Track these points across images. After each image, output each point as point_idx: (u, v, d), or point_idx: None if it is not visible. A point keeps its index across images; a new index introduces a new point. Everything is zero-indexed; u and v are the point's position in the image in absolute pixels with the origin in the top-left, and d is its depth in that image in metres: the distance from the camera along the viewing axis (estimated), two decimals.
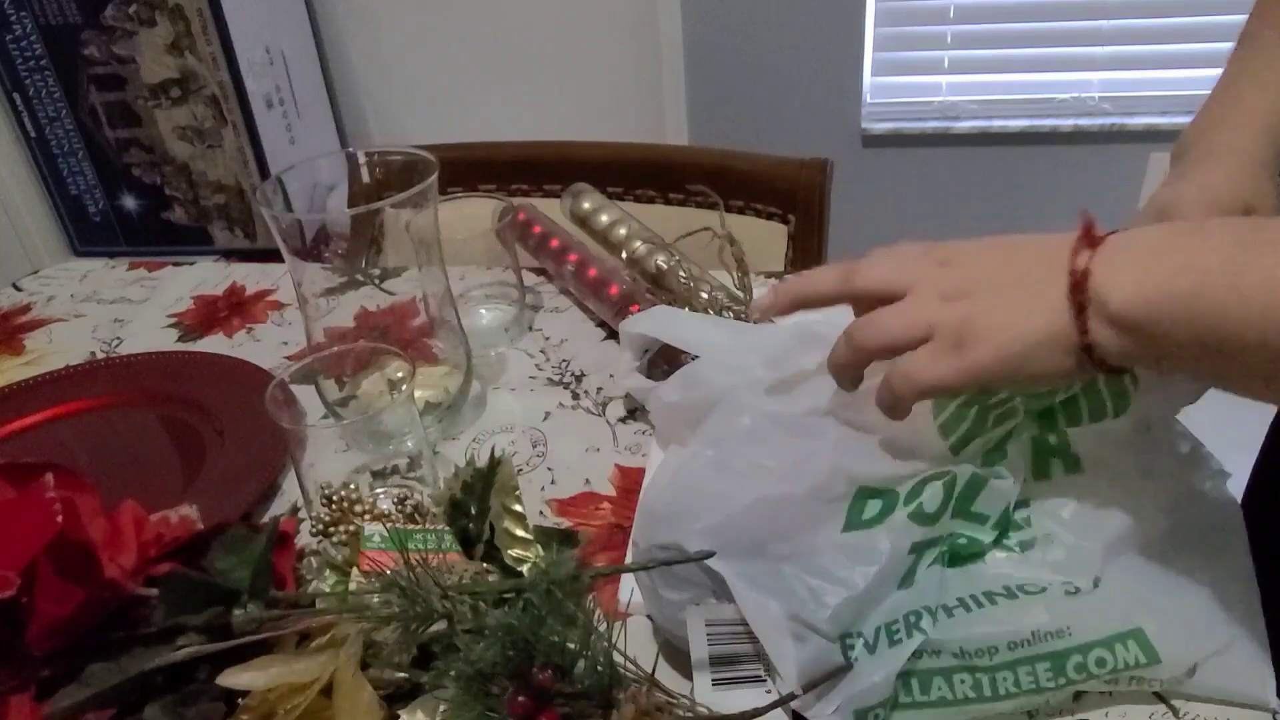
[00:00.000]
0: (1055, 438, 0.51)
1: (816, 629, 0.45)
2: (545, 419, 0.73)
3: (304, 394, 0.61)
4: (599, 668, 0.42)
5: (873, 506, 0.48)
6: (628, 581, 0.54)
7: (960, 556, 0.50)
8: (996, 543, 0.51)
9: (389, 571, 0.45)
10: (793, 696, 0.44)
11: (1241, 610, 0.48)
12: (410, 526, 0.53)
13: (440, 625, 0.45)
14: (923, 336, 0.44)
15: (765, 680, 0.46)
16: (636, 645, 0.45)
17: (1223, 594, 0.48)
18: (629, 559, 0.57)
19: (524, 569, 0.51)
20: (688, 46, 1.98)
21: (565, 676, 0.42)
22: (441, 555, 0.49)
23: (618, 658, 0.43)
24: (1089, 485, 0.51)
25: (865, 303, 0.48)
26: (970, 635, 0.47)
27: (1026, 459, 0.51)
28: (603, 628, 0.43)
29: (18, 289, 0.99)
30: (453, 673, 0.42)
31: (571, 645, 0.42)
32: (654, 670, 0.44)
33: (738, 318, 0.72)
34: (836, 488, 0.48)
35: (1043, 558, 0.50)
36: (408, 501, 0.54)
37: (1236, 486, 0.53)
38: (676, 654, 0.49)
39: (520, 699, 0.41)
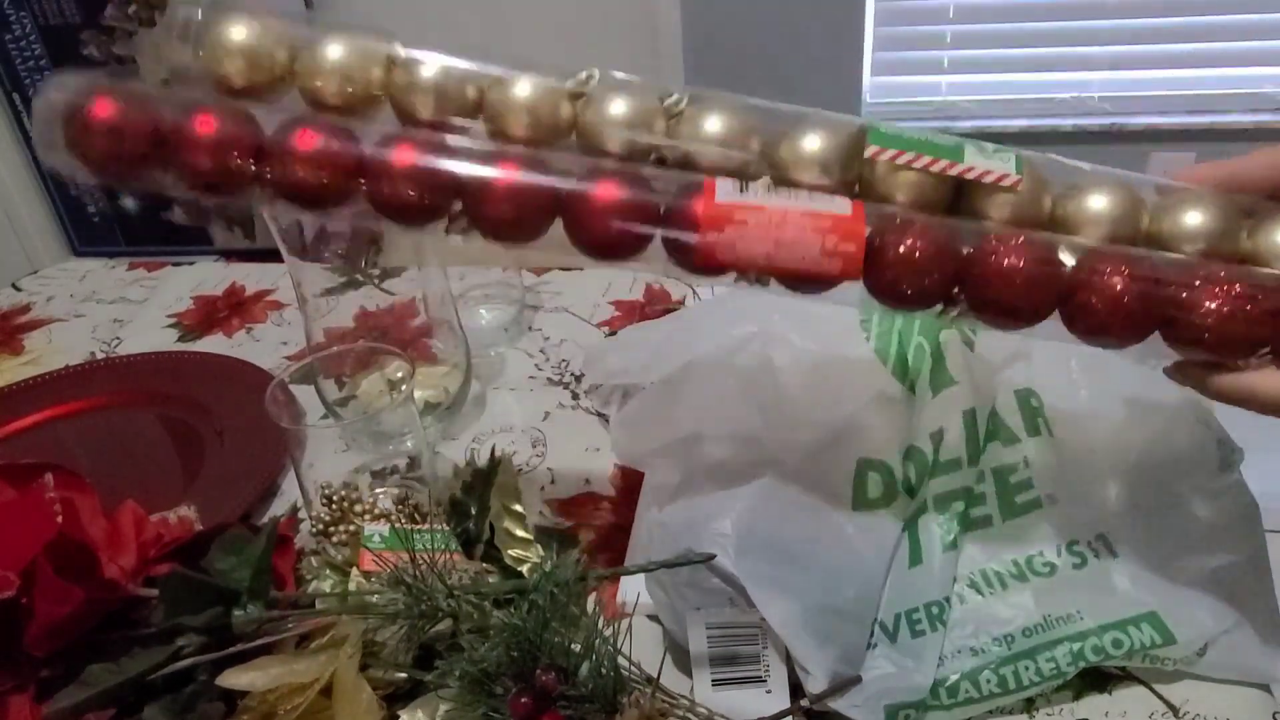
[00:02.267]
0: (1035, 400, 0.53)
1: (846, 613, 0.45)
2: (545, 419, 0.73)
3: (304, 394, 0.61)
4: (603, 671, 0.42)
5: (875, 483, 0.49)
6: (628, 583, 0.54)
7: (970, 520, 0.50)
8: (1004, 505, 0.51)
9: (395, 568, 0.45)
10: (793, 709, 0.44)
11: (1251, 588, 0.48)
12: (410, 526, 0.53)
13: (444, 625, 0.45)
14: None
15: (765, 680, 0.46)
16: (641, 648, 0.45)
17: (1234, 573, 0.49)
18: (627, 560, 0.57)
19: (524, 569, 0.51)
20: (687, 46, 1.98)
21: (569, 679, 0.42)
22: (449, 555, 0.49)
23: (622, 661, 0.43)
24: (1085, 446, 0.52)
25: None
26: (984, 623, 0.48)
27: (1015, 415, 0.52)
28: (607, 631, 0.43)
29: (17, 289, 0.99)
30: (456, 672, 0.42)
31: (575, 648, 0.42)
32: (659, 674, 0.44)
33: None
34: (839, 462, 0.49)
35: (1046, 518, 0.50)
36: (408, 501, 0.54)
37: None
38: (684, 657, 0.49)
39: (523, 700, 0.41)
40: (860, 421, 0.50)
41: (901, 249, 0.38)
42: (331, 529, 0.53)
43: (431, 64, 0.40)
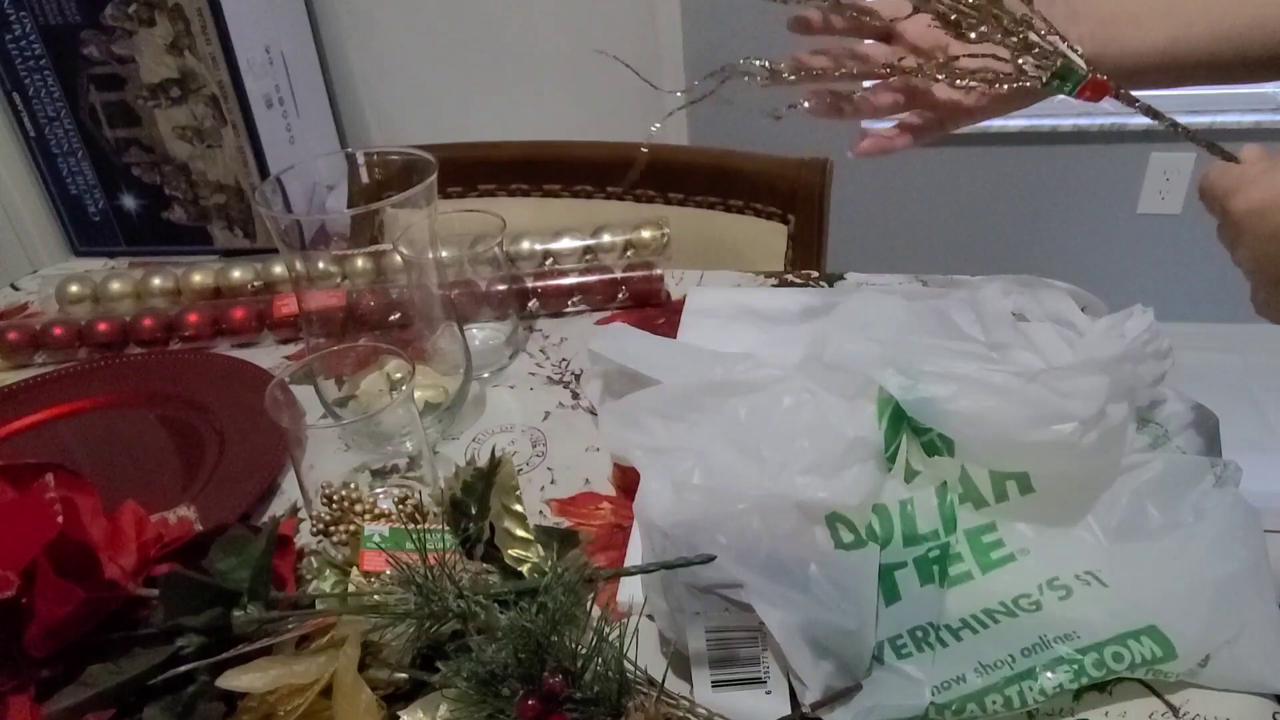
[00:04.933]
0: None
1: (844, 631, 0.46)
2: (545, 419, 0.73)
3: (304, 394, 0.61)
4: (610, 674, 0.42)
5: (845, 531, 0.51)
6: (628, 584, 0.54)
7: (951, 578, 0.52)
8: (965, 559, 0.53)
9: (407, 567, 0.45)
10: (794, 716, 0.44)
11: (1253, 598, 0.48)
12: (411, 526, 0.52)
13: (450, 625, 0.45)
14: None
15: (765, 681, 0.46)
16: (644, 649, 0.45)
17: (1234, 583, 0.48)
18: (626, 561, 0.57)
19: (524, 569, 0.51)
20: (687, 46, 1.98)
21: (575, 682, 0.41)
22: (456, 555, 0.49)
23: (626, 664, 0.43)
24: (1048, 500, 0.53)
25: None
26: (983, 652, 0.48)
27: (984, 484, 0.54)
28: (613, 634, 0.43)
29: (16, 289, 0.99)
30: (464, 673, 0.42)
31: (581, 650, 0.42)
32: (664, 679, 0.44)
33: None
34: (813, 509, 0.50)
35: (1023, 567, 0.52)
36: (408, 501, 0.54)
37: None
38: (684, 657, 0.49)
39: (531, 702, 0.41)
40: (836, 481, 0.51)
41: None
42: (331, 529, 0.53)
43: None
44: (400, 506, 0.53)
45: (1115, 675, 0.47)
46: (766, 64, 0.60)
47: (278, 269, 0.89)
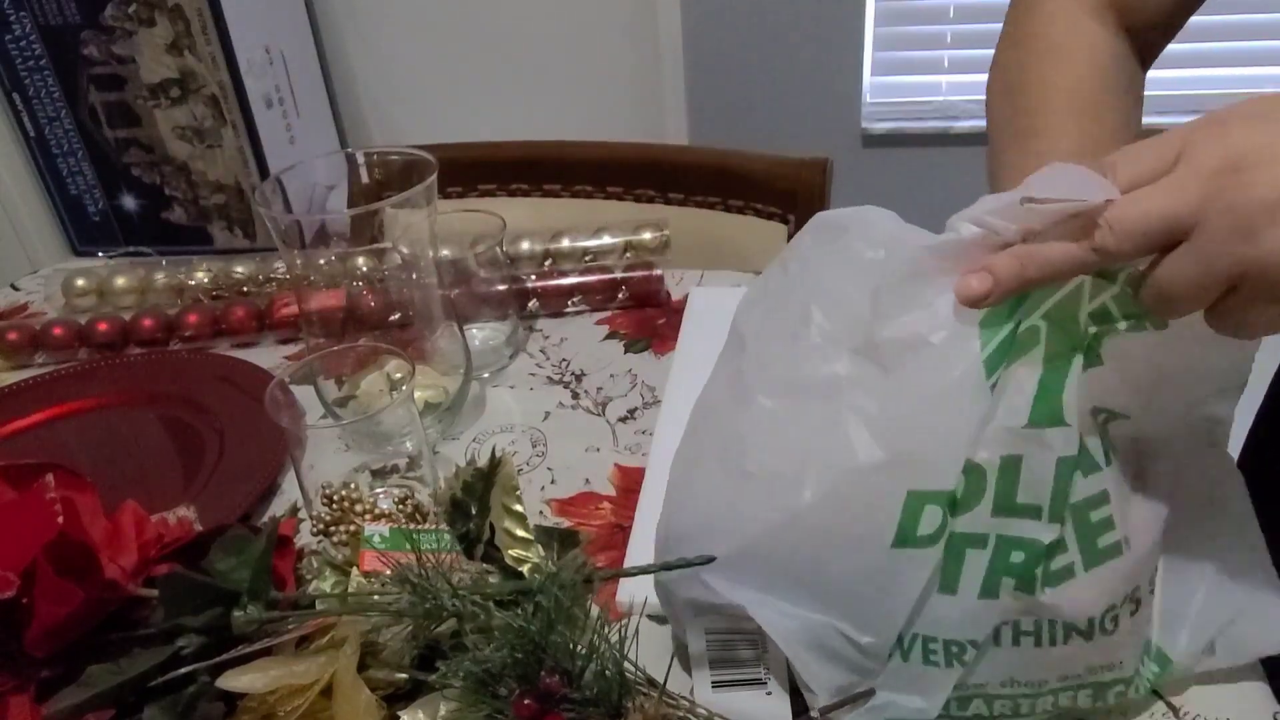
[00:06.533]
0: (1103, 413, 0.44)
1: (859, 644, 0.44)
2: (545, 419, 0.73)
3: (304, 394, 0.61)
4: (607, 674, 0.42)
5: (931, 516, 0.40)
6: (628, 585, 0.54)
7: (1050, 574, 0.42)
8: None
9: (401, 567, 0.45)
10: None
11: (1250, 572, 0.46)
12: (411, 526, 0.53)
13: (448, 625, 0.45)
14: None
15: (765, 683, 0.46)
16: (647, 651, 0.45)
17: (1229, 564, 0.47)
18: (627, 561, 0.57)
19: (524, 569, 0.51)
20: (688, 46, 1.98)
21: (573, 682, 0.41)
22: (454, 555, 0.49)
23: (626, 664, 0.43)
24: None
25: None
26: (1015, 669, 0.44)
27: (1093, 434, 0.42)
28: (612, 635, 0.42)
29: (16, 289, 0.99)
30: (461, 673, 0.42)
31: (580, 650, 0.42)
32: (666, 679, 0.44)
33: None
34: (880, 497, 0.41)
35: (1121, 567, 0.42)
36: (408, 501, 0.54)
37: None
38: (687, 657, 0.49)
39: (527, 702, 0.41)
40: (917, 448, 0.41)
41: None
42: (331, 529, 0.53)
43: None
44: (400, 506, 0.53)
45: (1121, 695, 0.46)
46: None
47: (278, 269, 0.89)
